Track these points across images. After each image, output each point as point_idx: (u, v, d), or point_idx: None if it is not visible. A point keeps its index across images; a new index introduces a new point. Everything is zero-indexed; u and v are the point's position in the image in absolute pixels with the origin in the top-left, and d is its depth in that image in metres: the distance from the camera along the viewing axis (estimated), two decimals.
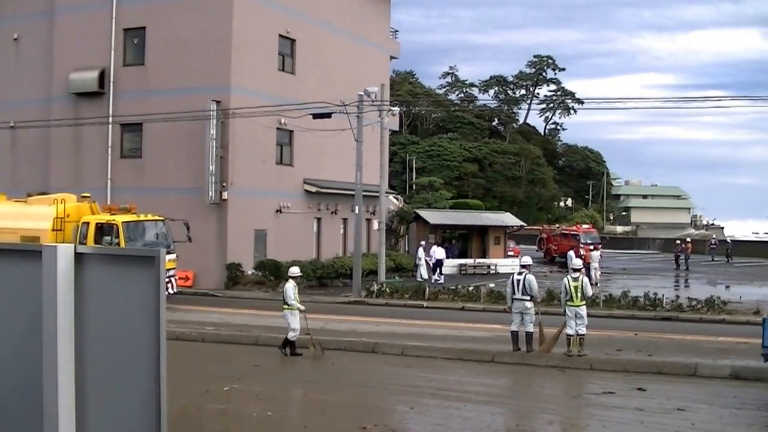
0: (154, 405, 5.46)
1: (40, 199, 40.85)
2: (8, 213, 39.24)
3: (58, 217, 37.92)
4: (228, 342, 30.40)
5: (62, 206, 38.23)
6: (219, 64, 48.48)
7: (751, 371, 24.19)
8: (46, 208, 38.73)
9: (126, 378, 5.53)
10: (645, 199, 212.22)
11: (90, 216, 38.70)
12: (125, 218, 38.17)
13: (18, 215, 38.74)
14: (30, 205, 40.21)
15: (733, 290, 50.07)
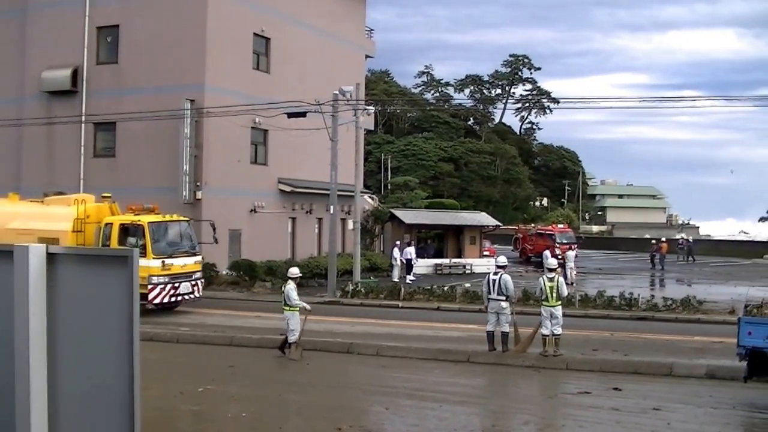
0: (128, 406, 5.39)
1: (58, 200, 40.14)
2: (24, 214, 38.66)
3: (78, 218, 37.23)
4: (202, 342, 30.30)
5: (82, 207, 37.66)
6: (193, 63, 48.36)
7: (726, 370, 24.21)
8: (64, 209, 38.09)
9: (99, 379, 5.46)
10: (621, 199, 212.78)
11: (112, 216, 38.04)
12: (151, 219, 37.49)
13: (35, 216, 38.09)
14: (47, 205, 39.56)
15: (709, 290, 50.21)
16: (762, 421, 20.27)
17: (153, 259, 36.16)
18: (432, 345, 29.22)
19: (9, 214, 38.20)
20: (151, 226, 36.92)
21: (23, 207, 39.83)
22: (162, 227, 38.12)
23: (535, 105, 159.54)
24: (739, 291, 39.69)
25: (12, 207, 39.72)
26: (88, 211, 37.67)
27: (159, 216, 38.39)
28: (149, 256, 35.84)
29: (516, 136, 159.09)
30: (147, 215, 37.65)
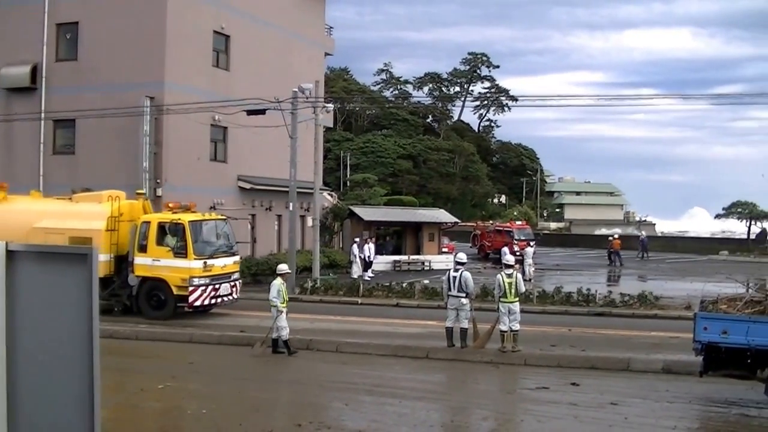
0: (88, 403, 5.41)
1: (88, 197, 38.89)
2: (53, 212, 37.22)
3: (112, 216, 36.15)
4: (162, 339, 30.27)
5: (116, 204, 36.58)
6: (153, 60, 48.12)
7: (682, 365, 24.42)
8: (96, 207, 36.83)
9: (59, 376, 5.47)
10: (578, 196, 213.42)
11: (149, 215, 37.03)
12: (191, 217, 36.26)
13: (65, 214, 36.65)
14: (77, 203, 38.28)
15: (665, 285, 50.50)
16: (717, 414, 20.48)
17: (194, 259, 35.18)
18: (391, 341, 29.28)
19: (35, 213, 36.87)
20: (192, 225, 35.77)
21: (51, 205, 38.38)
22: (202, 226, 36.96)
23: (493, 103, 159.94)
24: (694, 287, 39.86)
25: (38, 205, 38.37)
26: (121, 208, 36.65)
27: (199, 214, 37.57)
28: (190, 257, 35.09)
29: (474, 133, 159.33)
30: (186, 213, 36.50)
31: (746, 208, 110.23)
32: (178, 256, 35.04)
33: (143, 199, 38.19)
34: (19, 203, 37.92)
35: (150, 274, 35.41)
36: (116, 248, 36.05)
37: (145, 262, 35.52)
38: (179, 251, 35.13)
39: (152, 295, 35.64)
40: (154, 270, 35.24)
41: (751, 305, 21.81)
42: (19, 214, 36.51)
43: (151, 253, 35.41)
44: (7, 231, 34.42)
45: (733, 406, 21.02)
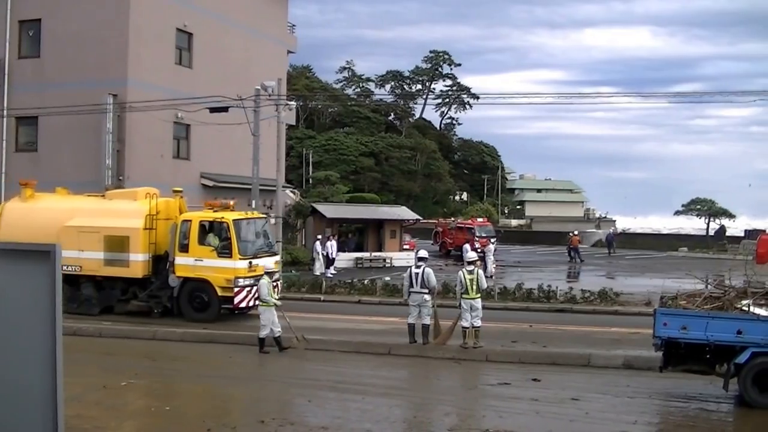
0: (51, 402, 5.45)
1: (122, 194, 38.20)
2: (85, 210, 36.01)
3: (150, 214, 34.86)
4: (126, 337, 30.16)
5: (154, 202, 35.31)
6: (116, 58, 48.00)
7: (643, 361, 24.65)
8: (132, 204, 35.63)
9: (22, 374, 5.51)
10: (539, 193, 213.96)
11: (191, 213, 35.81)
12: (235, 215, 35.09)
13: (98, 212, 35.55)
14: (111, 200, 37.05)
15: (626, 282, 50.82)
16: (677, 409, 20.72)
17: (239, 259, 33.80)
18: (353, 338, 29.38)
19: (67, 211, 35.73)
20: (236, 224, 34.45)
21: (82, 202, 37.08)
22: (246, 225, 35.57)
23: (455, 100, 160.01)
24: (654, 283, 40.13)
25: (68, 202, 37.15)
26: (158, 206, 35.41)
27: (242, 213, 36.59)
28: (235, 257, 33.77)
29: (436, 131, 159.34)
30: (229, 212, 35.33)
31: (705, 205, 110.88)
32: (222, 255, 33.80)
33: (179, 196, 36.98)
34: (48, 201, 37.15)
35: (192, 274, 34.08)
36: (154, 248, 34.97)
37: (186, 263, 34.23)
38: (223, 251, 33.91)
39: (195, 297, 34.35)
40: (197, 270, 33.95)
41: (710, 301, 22.05)
42: (48, 212, 35.75)
43: (193, 253, 34.14)
44: (36, 230, 34.02)
45: (693, 401, 21.27)
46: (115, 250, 34.45)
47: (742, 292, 22.37)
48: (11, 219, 35.63)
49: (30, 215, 35.50)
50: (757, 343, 19.88)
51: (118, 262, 34.47)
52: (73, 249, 33.67)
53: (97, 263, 34.61)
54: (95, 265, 34.61)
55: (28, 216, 35.43)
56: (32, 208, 36.22)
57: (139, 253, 34.27)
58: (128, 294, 35.05)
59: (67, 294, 34.08)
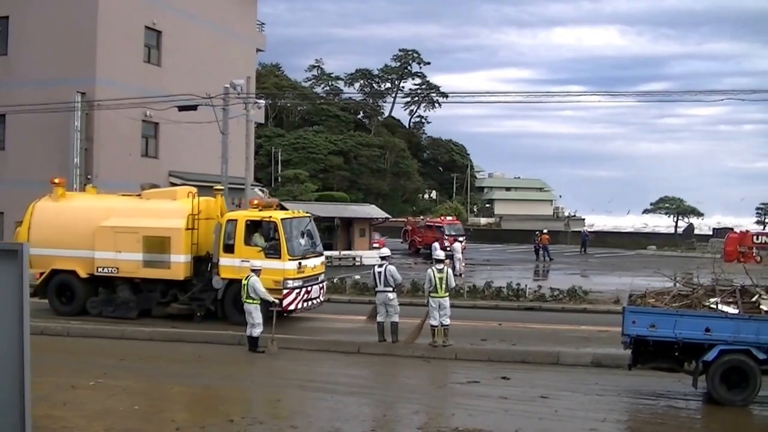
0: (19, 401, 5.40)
1: (161, 193, 37.14)
2: (122, 209, 34.84)
3: (192, 213, 33.40)
4: (94, 336, 29.94)
5: (196, 201, 33.94)
6: (84, 56, 47.83)
7: (611, 358, 24.72)
8: (172, 204, 34.32)
9: None
10: (508, 192, 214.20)
11: (236, 212, 34.95)
12: (282, 215, 33.72)
13: (135, 212, 34.27)
14: (148, 200, 35.55)
15: (595, 280, 51.02)
16: (646, 407, 20.82)
17: (288, 260, 32.04)
18: (322, 336, 29.32)
19: (102, 210, 34.54)
20: (284, 223, 32.76)
21: (117, 202, 35.93)
22: (294, 224, 33.95)
23: (424, 99, 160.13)
24: (623, 281, 40.31)
25: (103, 202, 36.13)
26: (200, 205, 34.00)
27: (289, 212, 35.67)
28: (284, 257, 31.99)
29: (405, 129, 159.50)
30: (276, 211, 34.33)
31: (673, 204, 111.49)
32: (270, 256, 31.96)
33: (220, 195, 36.00)
34: (80, 200, 36.45)
35: (238, 276, 31.20)
36: (196, 248, 33.54)
37: (232, 264, 32.41)
38: (271, 251, 32.21)
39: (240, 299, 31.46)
40: (243, 272, 30.92)
41: (678, 299, 22.16)
42: (82, 212, 34.76)
43: (239, 254, 32.25)
44: (68, 230, 33.88)
45: (662, 398, 21.37)
46: (155, 251, 33.16)
47: (710, 289, 22.50)
48: (42, 219, 34.77)
49: (62, 215, 34.71)
50: (725, 340, 20.00)
51: (159, 263, 33.14)
52: (109, 250, 33.27)
53: (135, 265, 33.34)
54: (133, 266, 33.34)
55: (61, 216, 34.66)
56: (64, 207, 35.25)
57: (181, 254, 32.98)
58: (168, 297, 33.86)
59: (103, 297, 34.11)
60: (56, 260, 34.04)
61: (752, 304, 21.26)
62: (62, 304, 34.50)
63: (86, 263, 33.79)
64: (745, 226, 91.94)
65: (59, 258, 33.99)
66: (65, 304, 34.47)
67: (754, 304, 21.25)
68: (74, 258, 33.90)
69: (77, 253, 33.75)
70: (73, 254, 33.89)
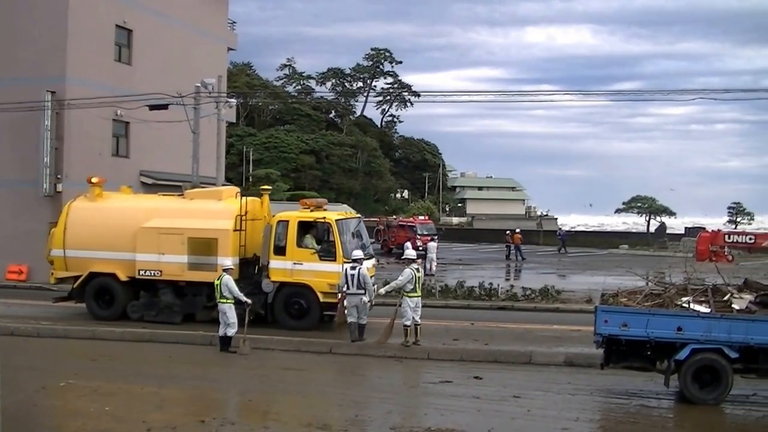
0: None
1: (205, 193, 36.04)
2: (164, 210, 34.05)
3: (240, 214, 32.41)
4: (64, 337, 29.72)
5: (244, 201, 32.95)
6: (54, 54, 47.43)
7: (584, 358, 24.79)
8: (217, 204, 33.49)
9: None
10: (480, 191, 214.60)
11: (287, 213, 32.85)
12: (337, 216, 32.69)
13: (180, 213, 33.42)
14: (192, 200, 34.59)
15: (567, 279, 51.15)
16: (618, 406, 20.88)
17: (344, 262, 30.38)
18: (294, 336, 29.19)
19: (143, 211, 33.78)
20: (339, 225, 31.81)
21: (160, 202, 35.42)
22: (348, 225, 32.96)
23: (396, 98, 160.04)
24: (595, 280, 40.44)
25: (143, 202, 35.93)
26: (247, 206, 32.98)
27: (342, 212, 34.99)
28: (339, 260, 30.82)
29: (377, 128, 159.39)
30: (329, 212, 33.13)
31: (645, 203, 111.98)
32: (325, 258, 31.13)
33: (266, 195, 34.92)
34: (118, 200, 35.57)
35: (290, 279, 31.27)
36: (243, 250, 32.47)
37: (283, 266, 31.48)
38: (325, 254, 31.33)
39: (292, 303, 31.58)
40: (295, 275, 31.12)
41: (650, 298, 22.22)
42: (122, 213, 34.18)
43: (291, 256, 31.39)
44: (108, 231, 33.24)
45: (634, 397, 21.44)
46: (202, 253, 32.06)
47: (682, 289, 22.58)
48: (79, 219, 34.01)
49: (100, 215, 34.05)
50: (697, 339, 20.08)
51: (205, 266, 31.81)
52: (151, 252, 32.46)
53: (179, 267, 32.33)
54: (178, 269, 32.29)
55: (99, 216, 33.98)
56: (102, 207, 34.55)
57: (229, 256, 31.60)
58: (214, 300, 31.02)
59: (144, 301, 33.26)
60: (94, 263, 33.32)
61: (724, 303, 21.36)
62: (101, 309, 33.50)
63: (127, 266, 32.91)
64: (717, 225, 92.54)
65: (98, 260, 33.26)
66: (104, 309, 33.45)
67: (726, 303, 21.35)
68: (114, 260, 33.03)
69: (117, 255, 32.91)
70: (112, 256, 33.05)
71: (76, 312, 34.62)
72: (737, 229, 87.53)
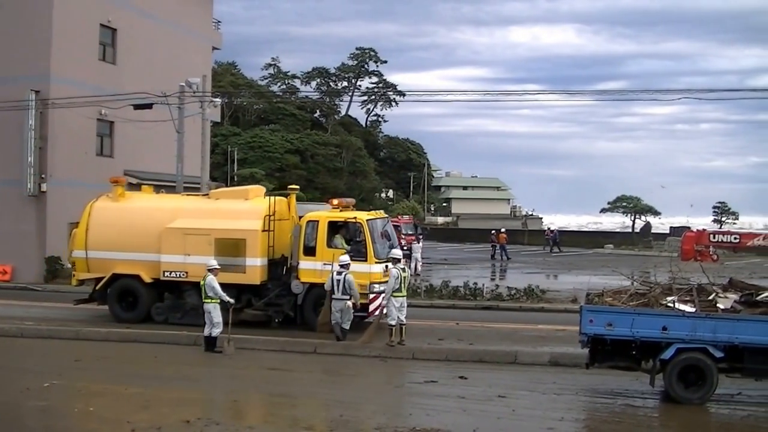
0: None
1: (230, 192, 35.55)
2: (191, 210, 33.48)
3: (268, 214, 31.76)
4: (48, 337, 29.59)
5: (272, 201, 32.34)
6: (38, 53, 47.24)
7: (569, 357, 24.79)
8: (245, 204, 32.84)
9: None
10: (465, 191, 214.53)
11: (317, 212, 32.58)
12: (368, 215, 32.10)
13: (206, 213, 32.83)
14: (218, 200, 33.94)
15: (552, 279, 51.19)
16: (603, 405, 20.89)
17: (375, 263, 30.62)
18: (279, 336, 29.14)
19: (167, 211, 33.18)
20: (370, 225, 31.36)
21: (185, 202, 35.04)
22: (378, 225, 32.38)
23: (381, 98, 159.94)
24: (580, 280, 40.48)
25: (169, 202, 35.20)
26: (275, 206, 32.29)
27: (372, 212, 33.78)
28: (371, 260, 30.58)
29: (362, 128, 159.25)
30: (357, 212, 32.55)
31: (631, 202, 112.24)
32: (355, 259, 29.96)
33: (294, 194, 34.24)
34: (142, 200, 35.04)
35: (320, 280, 30.09)
36: (271, 251, 31.83)
37: (313, 267, 30.93)
38: (356, 254, 30.45)
39: (322, 304, 30.01)
40: (325, 275, 29.59)
41: (635, 298, 22.25)
42: (146, 213, 33.56)
43: (321, 257, 30.74)
44: (132, 231, 32.64)
45: (619, 397, 21.46)
46: (229, 254, 31.14)
47: (667, 288, 22.61)
48: (101, 220, 33.40)
49: (124, 216, 33.48)
50: (682, 339, 20.10)
51: (233, 267, 30.90)
52: (177, 253, 31.77)
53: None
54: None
55: (122, 216, 33.42)
56: (125, 208, 34.03)
57: (258, 257, 31.29)
58: (241, 302, 31.32)
59: (169, 303, 32.83)
60: (117, 264, 32.71)
61: (709, 303, 21.39)
62: (124, 311, 32.88)
63: (151, 267, 32.27)
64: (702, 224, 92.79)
65: (121, 261, 32.64)
66: (127, 311, 32.84)
67: (711, 303, 21.38)
68: (138, 261, 32.28)
69: (141, 256, 32.12)
70: (136, 257, 32.29)
71: (64, 313, 34.52)
72: (722, 229, 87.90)
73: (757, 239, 40.72)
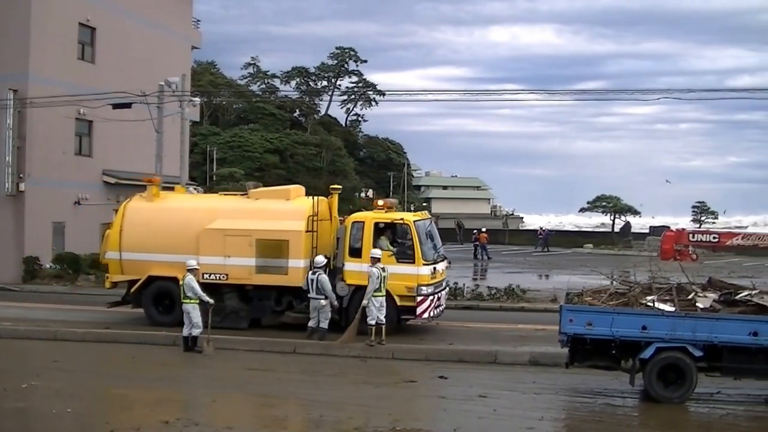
0: None
1: (270, 192, 33.97)
2: (230, 210, 32.57)
3: (311, 215, 31.09)
4: (26, 338, 29.44)
5: (316, 201, 31.87)
6: (16, 52, 47.02)
7: (549, 357, 24.80)
8: (287, 204, 31.94)
9: None
10: (445, 190, 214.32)
11: (363, 213, 32.24)
12: (415, 217, 31.57)
13: (246, 213, 31.79)
14: (257, 199, 32.66)
15: (532, 278, 51.23)
16: (583, 405, 20.95)
17: (423, 265, 29.96)
18: (258, 336, 29.08)
19: (205, 211, 32.36)
20: (417, 226, 30.64)
21: (223, 202, 34.22)
22: (425, 226, 31.69)
23: (360, 97, 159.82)
24: (560, 279, 40.57)
25: (204, 202, 34.87)
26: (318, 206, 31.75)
27: (418, 213, 33.12)
28: (418, 262, 29.88)
29: (342, 128, 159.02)
30: (401, 213, 32.44)
31: (610, 202, 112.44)
32: (403, 261, 29.89)
33: (337, 194, 33.86)
34: (178, 200, 34.35)
35: (366, 282, 28.57)
36: (314, 252, 30.56)
37: (359, 269, 29.81)
38: (403, 256, 30.13)
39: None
40: None
41: (615, 297, 22.29)
42: (182, 213, 32.70)
43: (367, 258, 29.30)
44: (169, 232, 31.76)
45: (599, 396, 21.51)
46: (271, 255, 30.58)
47: (647, 288, 22.66)
48: (136, 221, 32.44)
49: (160, 216, 32.58)
50: (662, 338, 20.15)
51: (275, 269, 30.54)
52: (217, 255, 30.73)
53: (247, 270, 30.73)
54: (245, 272, 30.69)
55: (158, 217, 32.53)
56: (161, 208, 33.18)
57: (301, 258, 30.37)
58: (282, 305, 31.19)
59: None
60: (153, 266, 31.62)
61: (688, 302, 21.45)
62: (160, 314, 31.78)
63: None
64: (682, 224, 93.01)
65: (157, 263, 31.56)
66: (164, 314, 31.67)
67: (690, 302, 21.44)
68: (175, 263, 30.26)
69: (178, 258, 30.01)
70: (173, 259, 30.69)
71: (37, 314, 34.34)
72: (701, 228, 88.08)
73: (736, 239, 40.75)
